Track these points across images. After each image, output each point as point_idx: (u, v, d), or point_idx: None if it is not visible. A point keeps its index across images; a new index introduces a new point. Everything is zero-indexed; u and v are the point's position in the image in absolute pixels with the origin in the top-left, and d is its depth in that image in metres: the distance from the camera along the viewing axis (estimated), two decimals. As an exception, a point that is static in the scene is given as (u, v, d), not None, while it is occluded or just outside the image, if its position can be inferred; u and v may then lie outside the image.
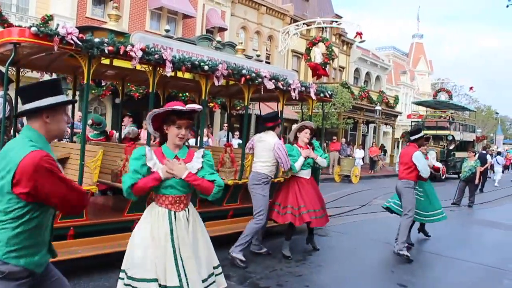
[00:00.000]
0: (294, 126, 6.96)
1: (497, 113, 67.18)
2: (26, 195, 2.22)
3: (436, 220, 7.93)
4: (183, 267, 3.12)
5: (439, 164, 8.19)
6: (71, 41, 4.85)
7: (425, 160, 7.26)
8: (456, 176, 22.49)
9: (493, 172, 23.53)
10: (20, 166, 2.20)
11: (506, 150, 56.37)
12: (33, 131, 2.42)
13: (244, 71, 6.64)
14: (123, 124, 9.20)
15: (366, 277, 6.05)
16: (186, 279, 3.08)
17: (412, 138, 7.34)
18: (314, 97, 8.04)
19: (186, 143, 3.35)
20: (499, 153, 26.79)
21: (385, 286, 5.77)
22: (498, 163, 23.56)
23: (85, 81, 5.36)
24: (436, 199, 8.00)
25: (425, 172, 7.00)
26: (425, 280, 6.12)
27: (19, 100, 6.81)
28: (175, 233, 3.15)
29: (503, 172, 25.84)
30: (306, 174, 6.60)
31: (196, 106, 3.15)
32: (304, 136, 6.60)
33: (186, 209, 3.26)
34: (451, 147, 26.32)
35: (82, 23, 17.50)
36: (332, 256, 6.91)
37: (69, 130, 8.16)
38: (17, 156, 2.22)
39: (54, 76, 14.25)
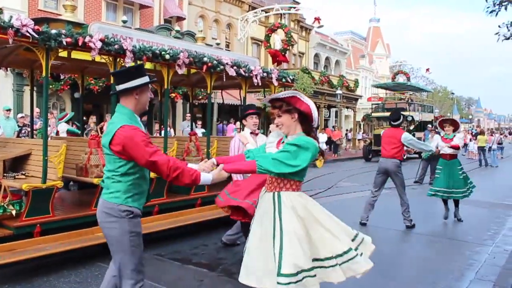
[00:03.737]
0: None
1: (452, 93, 69.05)
2: (120, 154, 3.02)
3: (452, 197, 8.41)
4: (245, 250, 3.41)
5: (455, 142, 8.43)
6: (27, 34, 4.72)
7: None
8: (417, 155, 23.03)
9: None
10: (115, 134, 3.00)
11: (464, 129, 58.09)
12: (125, 108, 3.18)
13: (205, 59, 6.62)
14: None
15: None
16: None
17: (395, 123, 8.12)
18: (276, 83, 8.09)
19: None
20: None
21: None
22: None
23: (43, 75, 5.23)
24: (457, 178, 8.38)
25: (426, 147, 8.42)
26: (390, 256, 6.31)
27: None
28: (257, 211, 3.48)
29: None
30: None
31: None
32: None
33: (276, 192, 3.30)
34: (411, 128, 26.96)
35: (35, 16, 16.96)
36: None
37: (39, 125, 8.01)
38: (115, 128, 3.03)
39: (9, 71, 13.82)
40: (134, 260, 3.16)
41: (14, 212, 5.15)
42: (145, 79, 3.22)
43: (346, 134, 35.03)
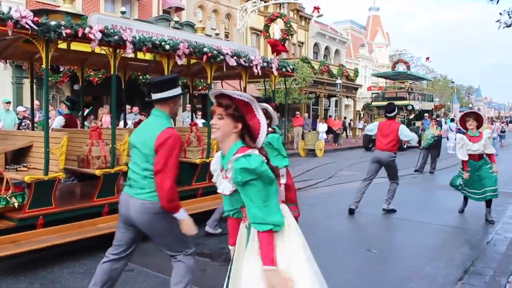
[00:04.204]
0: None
1: (452, 82, 68.90)
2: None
3: (487, 197, 7.58)
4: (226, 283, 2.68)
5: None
6: (26, 25, 4.70)
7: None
8: (418, 144, 22.95)
9: (447, 138, 24.06)
10: (158, 137, 3.19)
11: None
12: (163, 113, 3.38)
13: (205, 49, 6.60)
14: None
15: (335, 245, 6.22)
16: None
17: (390, 115, 8.04)
18: (276, 73, 8.08)
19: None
20: (452, 120, 27.53)
21: (355, 252, 5.95)
22: (451, 129, 24.14)
23: (43, 67, 5.23)
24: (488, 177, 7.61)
25: (415, 140, 8.07)
26: (392, 244, 6.36)
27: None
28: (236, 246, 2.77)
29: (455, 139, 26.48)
30: None
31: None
32: None
33: (248, 222, 2.56)
34: (411, 117, 26.95)
35: (33, 7, 16.84)
36: (302, 228, 7.03)
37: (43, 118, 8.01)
38: (158, 129, 3.23)
39: (8, 64, 13.77)
40: (180, 237, 3.40)
41: (16, 204, 5.17)
42: (179, 90, 3.44)
43: (349, 123, 34.96)
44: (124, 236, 3.51)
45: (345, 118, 34.94)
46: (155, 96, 3.38)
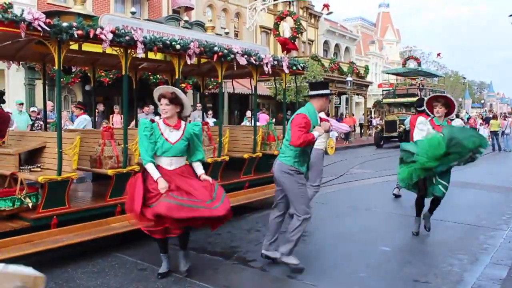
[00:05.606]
0: None
1: (464, 78, 68.38)
2: None
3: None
4: None
5: None
6: (39, 27, 4.74)
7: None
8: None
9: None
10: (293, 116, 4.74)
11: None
12: (311, 105, 4.86)
13: (216, 48, 6.61)
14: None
15: (348, 243, 6.19)
16: None
17: (420, 109, 8.54)
18: (287, 71, 8.06)
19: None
20: (457, 116, 27.21)
21: (367, 250, 5.91)
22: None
23: (55, 68, 5.27)
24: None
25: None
26: (404, 241, 6.32)
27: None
28: None
29: None
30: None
31: None
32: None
33: None
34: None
35: (44, 9, 16.96)
36: (313, 226, 7.00)
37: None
38: (295, 113, 4.78)
39: (21, 65, 13.90)
40: (302, 201, 4.79)
41: (30, 205, 5.22)
42: (328, 91, 4.95)
43: (370, 120, 34.70)
44: (279, 193, 4.99)
45: (368, 115, 34.61)
46: (311, 92, 4.91)
